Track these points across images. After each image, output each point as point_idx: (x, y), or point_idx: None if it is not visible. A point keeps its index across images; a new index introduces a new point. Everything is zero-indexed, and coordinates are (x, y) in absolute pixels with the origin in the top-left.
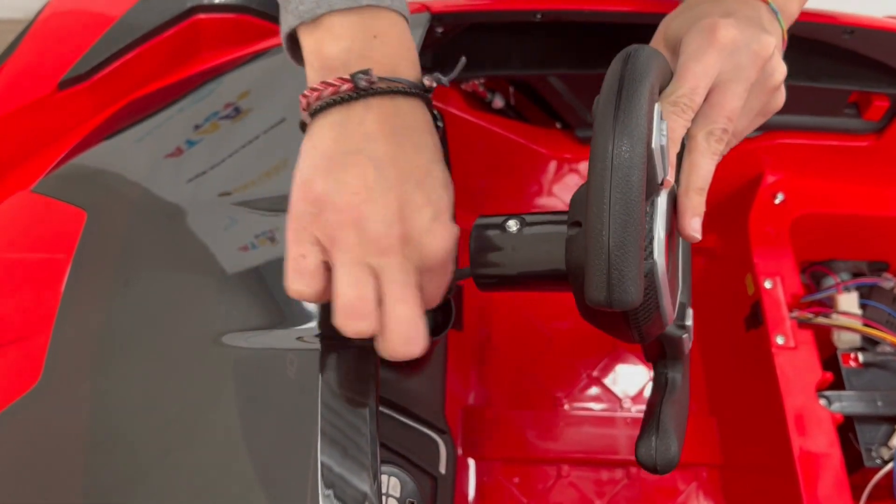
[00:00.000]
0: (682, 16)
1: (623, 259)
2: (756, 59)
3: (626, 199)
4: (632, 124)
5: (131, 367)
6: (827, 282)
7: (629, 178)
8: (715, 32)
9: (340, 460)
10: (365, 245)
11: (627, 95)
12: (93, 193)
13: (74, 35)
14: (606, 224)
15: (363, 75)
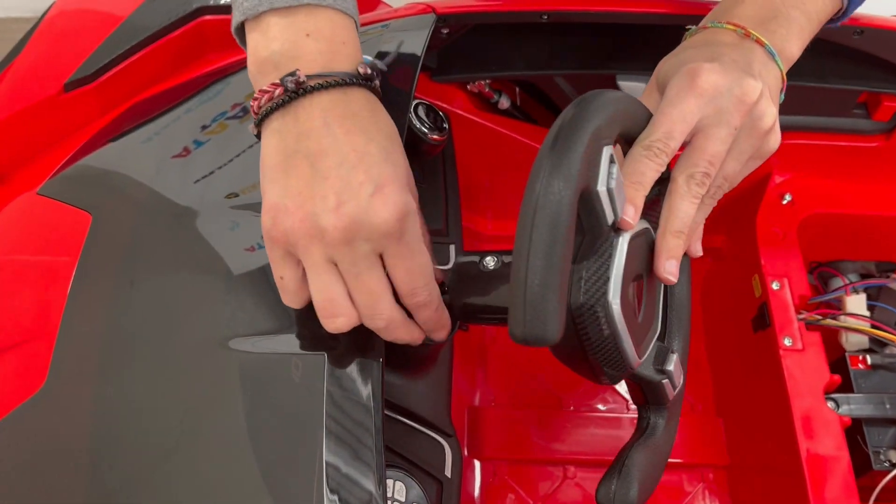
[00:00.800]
0: (673, 59)
1: (541, 296)
2: (739, 104)
3: (549, 237)
4: (564, 165)
5: (137, 370)
6: (835, 283)
7: (556, 217)
8: (696, 78)
9: (346, 464)
10: (319, 242)
11: (565, 137)
12: (98, 195)
13: (80, 36)
14: (525, 260)
15: (290, 77)
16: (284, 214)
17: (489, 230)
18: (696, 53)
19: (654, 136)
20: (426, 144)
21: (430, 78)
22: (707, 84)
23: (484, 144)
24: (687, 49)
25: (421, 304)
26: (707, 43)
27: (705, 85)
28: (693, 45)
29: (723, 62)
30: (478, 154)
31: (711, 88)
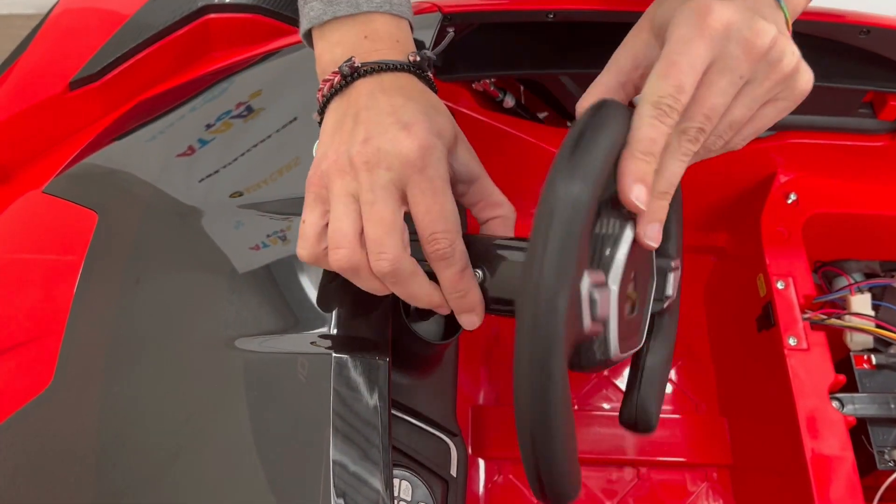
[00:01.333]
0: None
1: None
2: (749, 49)
3: (564, 239)
4: (588, 167)
5: (143, 369)
6: (839, 282)
7: (575, 216)
8: (706, 17)
9: (353, 464)
10: (345, 174)
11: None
12: (104, 194)
13: (86, 34)
14: (540, 266)
15: (346, 63)
16: (324, 160)
17: None
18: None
19: (662, 91)
20: None
21: (435, 76)
22: (718, 23)
23: (489, 143)
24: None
25: (441, 254)
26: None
27: (716, 24)
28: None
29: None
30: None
31: (722, 28)
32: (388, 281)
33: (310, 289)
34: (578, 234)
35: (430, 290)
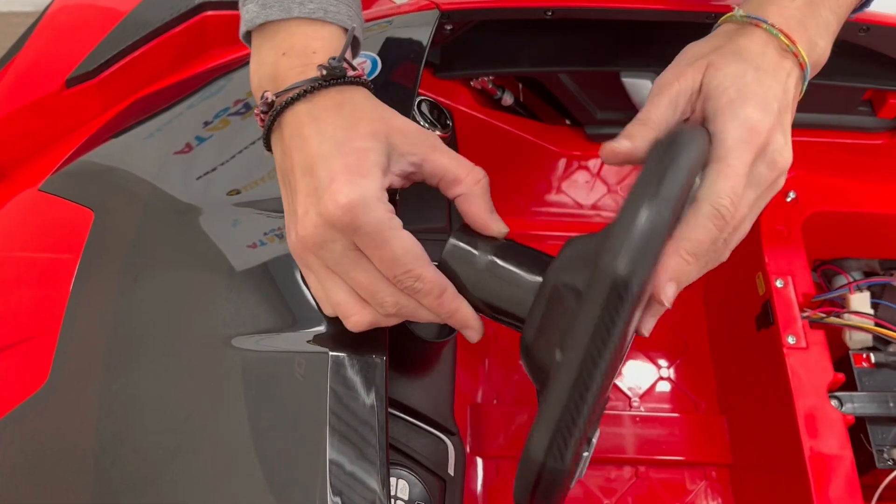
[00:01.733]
0: (726, 69)
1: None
2: (772, 168)
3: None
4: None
5: (140, 369)
6: (838, 280)
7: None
8: (757, 138)
9: (349, 462)
10: (305, 252)
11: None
12: (100, 192)
13: (82, 31)
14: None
15: (262, 101)
16: (289, 235)
17: None
18: (746, 72)
19: (723, 195)
20: None
21: (433, 74)
22: (763, 144)
23: (487, 141)
24: (733, 54)
25: (411, 290)
26: (750, 54)
27: (761, 145)
28: (739, 53)
29: (769, 105)
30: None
31: (763, 149)
32: (402, 318)
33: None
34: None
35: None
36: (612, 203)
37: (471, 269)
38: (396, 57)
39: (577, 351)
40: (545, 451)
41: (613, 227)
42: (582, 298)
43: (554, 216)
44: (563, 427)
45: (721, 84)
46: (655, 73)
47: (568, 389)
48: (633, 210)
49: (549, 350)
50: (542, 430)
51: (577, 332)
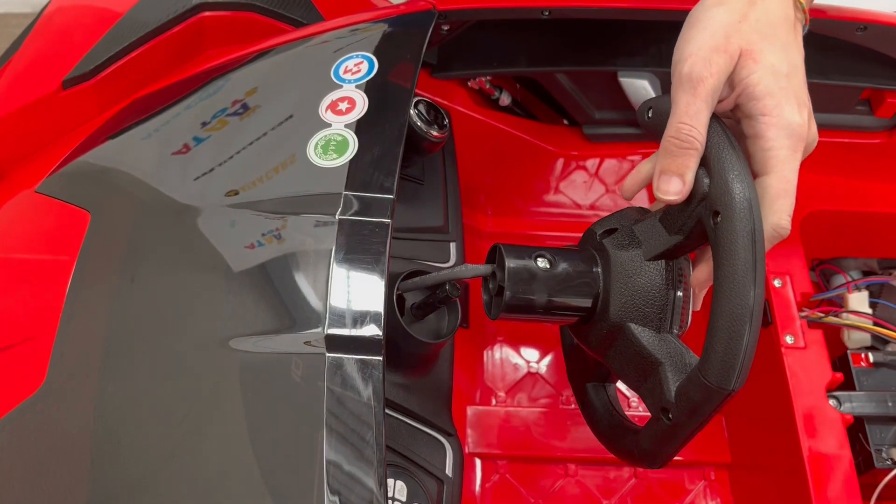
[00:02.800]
0: (764, 61)
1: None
2: (807, 154)
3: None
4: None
5: (137, 370)
6: (836, 280)
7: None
8: (802, 140)
9: (347, 464)
10: None
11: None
12: (97, 193)
13: (79, 32)
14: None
15: None
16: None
17: (489, 227)
18: (781, 63)
19: (784, 221)
20: (427, 142)
21: (430, 75)
22: (807, 144)
23: (484, 141)
24: (761, 33)
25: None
26: (776, 21)
27: (806, 145)
28: (767, 26)
29: (802, 99)
30: (478, 151)
31: (807, 147)
32: None
33: (304, 288)
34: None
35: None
36: (610, 203)
37: (536, 285)
38: (393, 57)
39: (688, 428)
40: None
41: (719, 340)
42: (693, 398)
43: (552, 216)
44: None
45: (762, 82)
46: (652, 73)
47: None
48: (738, 323)
49: (625, 376)
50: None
51: (687, 421)
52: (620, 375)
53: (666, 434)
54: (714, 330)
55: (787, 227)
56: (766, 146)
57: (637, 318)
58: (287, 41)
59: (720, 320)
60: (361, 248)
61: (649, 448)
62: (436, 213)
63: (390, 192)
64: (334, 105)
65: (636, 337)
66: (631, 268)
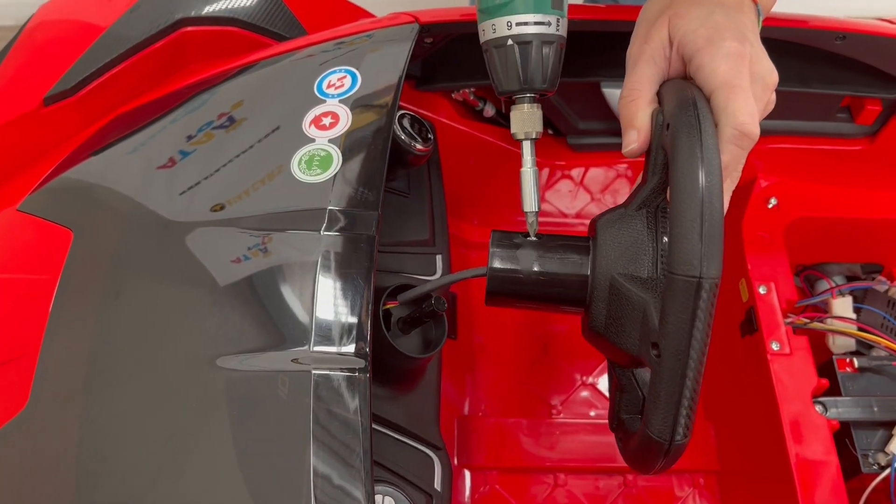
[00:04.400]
0: (689, 15)
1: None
2: (765, 88)
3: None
4: (713, 162)
5: (123, 391)
6: (821, 285)
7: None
8: (745, 61)
9: (334, 480)
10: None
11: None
12: (80, 210)
13: (60, 48)
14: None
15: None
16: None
17: (475, 237)
18: (713, 11)
19: (743, 117)
20: (411, 155)
21: (414, 87)
22: (757, 72)
23: (469, 152)
24: (700, 2)
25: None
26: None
27: (756, 73)
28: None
29: (745, 35)
30: (463, 162)
31: (758, 76)
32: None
33: (290, 306)
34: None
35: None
36: (595, 211)
37: (520, 276)
38: (377, 71)
39: (679, 352)
40: (671, 431)
41: (676, 227)
42: (668, 303)
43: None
44: (684, 410)
45: (690, 27)
46: None
47: (678, 383)
48: (690, 207)
49: (629, 341)
50: (663, 414)
51: (673, 335)
52: (623, 349)
53: (664, 374)
54: (672, 225)
55: (748, 125)
56: (707, 69)
57: (624, 267)
58: (270, 56)
59: (675, 212)
60: (347, 263)
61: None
62: (421, 226)
63: (375, 206)
64: (318, 120)
65: (625, 286)
66: (614, 222)
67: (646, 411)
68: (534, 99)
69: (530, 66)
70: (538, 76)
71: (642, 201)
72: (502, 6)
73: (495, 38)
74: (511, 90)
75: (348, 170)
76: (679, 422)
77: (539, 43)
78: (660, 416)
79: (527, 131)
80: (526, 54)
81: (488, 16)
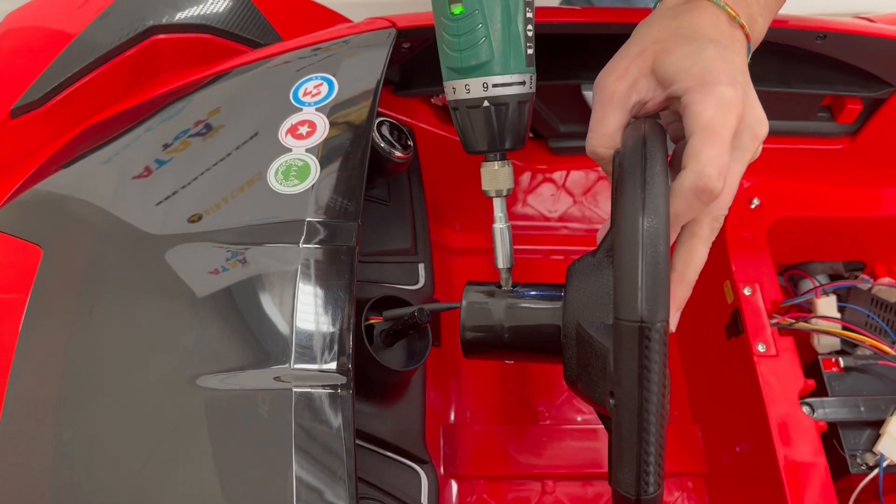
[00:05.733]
0: (677, 52)
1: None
2: (754, 139)
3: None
4: (658, 203)
5: (98, 412)
6: (804, 284)
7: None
8: (732, 107)
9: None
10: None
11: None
12: (50, 226)
13: (28, 57)
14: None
15: None
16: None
17: (458, 243)
18: (714, 56)
19: (709, 169)
20: (391, 163)
21: (392, 92)
22: (747, 121)
23: (450, 157)
24: (694, 41)
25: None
26: (704, 28)
27: (745, 121)
28: (690, 30)
29: (737, 79)
30: (444, 167)
31: (747, 125)
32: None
33: (270, 322)
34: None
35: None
36: (578, 213)
37: (494, 334)
38: (354, 78)
39: (630, 400)
40: (636, 484)
41: (618, 271)
42: (616, 349)
43: (521, 229)
44: (650, 459)
45: (680, 66)
46: None
47: (634, 433)
48: (631, 250)
49: (597, 391)
50: (627, 467)
51: (624, 383)
52: (594, 399)
53: (622, 423)
54: (615, 270)
55: (712, 178)
56: (693, 110)
57: (590, 315)
58: (244, 63)
59: (617, 256)
60: (327, 276)
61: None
62: (403, 235)
63: (355, 217)
64: (294, 129)
65: (587, 334)
66: (583, 269)
67: (610, 467)
68: (504, 156)
69: (505, 126)
70: (511, 135)
71: (608, 248)
72: (478, 67)
73: (469, 98)
74: (482, 150)
75: (327, 180)
76: (646, 473)
77: (515, 104)
78: (624, 470)
79: (497, 189)
80: (502, 116)
81: (461, 75)
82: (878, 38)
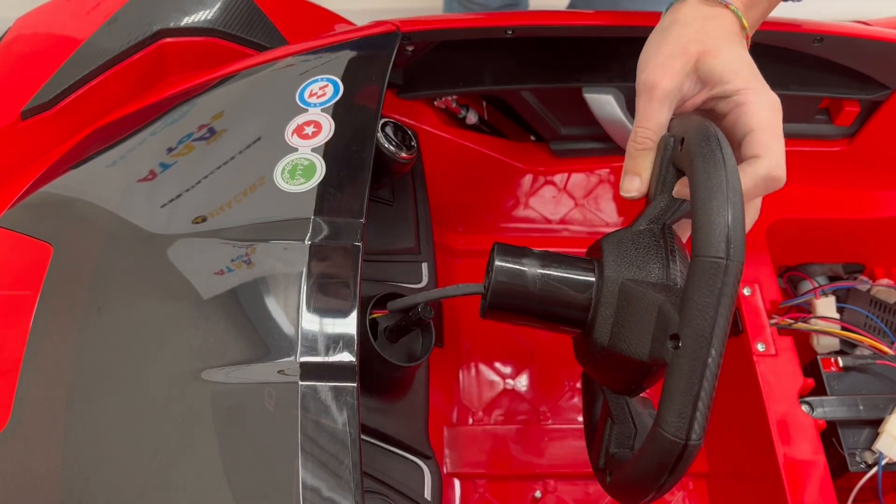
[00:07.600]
0: (723, 55)
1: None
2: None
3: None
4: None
5: (107, 407)
6: (804, 286)
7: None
8: (780, 119)
9: (324, 492)
10: None
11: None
12: (60, 225)
13: (38, 60)
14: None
15: None
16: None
17: (461, 245)
18: (744, 54)
19: (783, 166)
20: (395, 163)
21: (396, 95)
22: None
23: (453, 160)
24: (719, 38)
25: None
26: (732, 35)
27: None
28: (724, 35)
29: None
30: (447, 169)
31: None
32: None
33: (276, 316)
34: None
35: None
36: (579, 216)
37: (524, 283)
38: (358, 80)
39: (701, 338)
40: (688, 427)
41: (703, 216)
42: (691, 288)
43: (522, 231)
44: (701, 406)
45: (729, 68)
46: (616, 88)
47: (697, 373)
48: (718, 198)
49: (638, 345)
50: (680, 409)
51: (695, 322)
52: (632, 355)
53: (684, 363)
54: (697, 215)
55: (783, 168)
56: (752, 107)
57: (634, 274)
58: (250, 66)
59: (699, 201)
60: (332, 273)
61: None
62: (407, 234)
63: (360, 215)
64: (300, 129)
65: (637, 289)
66: (620, 239)
67: (660, 410)
68: None
69: None
70: None
71: (651, 219)
72: None
73: None
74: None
75: (332, 179)
76: (696, 417)
77: None
78: (676, 412)
79: None
80: None
81: None
82: (874, 41)
